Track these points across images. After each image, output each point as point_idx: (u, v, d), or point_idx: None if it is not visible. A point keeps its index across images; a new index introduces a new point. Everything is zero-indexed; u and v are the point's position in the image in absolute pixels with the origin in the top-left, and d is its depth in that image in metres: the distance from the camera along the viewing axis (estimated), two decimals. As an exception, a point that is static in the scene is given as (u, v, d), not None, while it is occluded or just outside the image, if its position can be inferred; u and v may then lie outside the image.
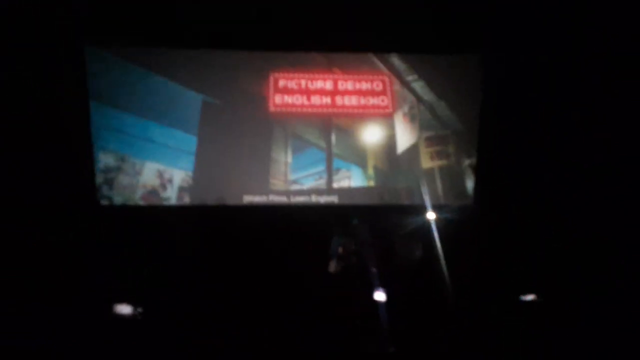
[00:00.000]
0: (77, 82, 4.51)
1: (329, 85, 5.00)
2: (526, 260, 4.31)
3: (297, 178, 4.91)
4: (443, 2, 4.55)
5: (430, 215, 4.67)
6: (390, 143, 5.01)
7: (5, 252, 4.07)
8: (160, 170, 4.74)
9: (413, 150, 5.02)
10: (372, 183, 4.99)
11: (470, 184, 5.02)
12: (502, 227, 4.68)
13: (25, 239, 4.21)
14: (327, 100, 4.99)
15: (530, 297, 3.85)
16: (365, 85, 5.04)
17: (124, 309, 3.22)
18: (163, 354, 3.01)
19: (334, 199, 4.98)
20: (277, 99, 4.93)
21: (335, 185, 4.94)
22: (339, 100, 5.00)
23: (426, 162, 5.05)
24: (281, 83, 4.95)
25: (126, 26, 4.46)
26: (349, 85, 5.02)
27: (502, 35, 4.68)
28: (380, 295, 3.48)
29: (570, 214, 4.61)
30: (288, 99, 4.95)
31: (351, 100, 5.01)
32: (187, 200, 4.77)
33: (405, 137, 5.02)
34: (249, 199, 4.87)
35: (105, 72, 4.60)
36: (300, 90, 4.97)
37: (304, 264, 4.07)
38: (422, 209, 4.77)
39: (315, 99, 4.99)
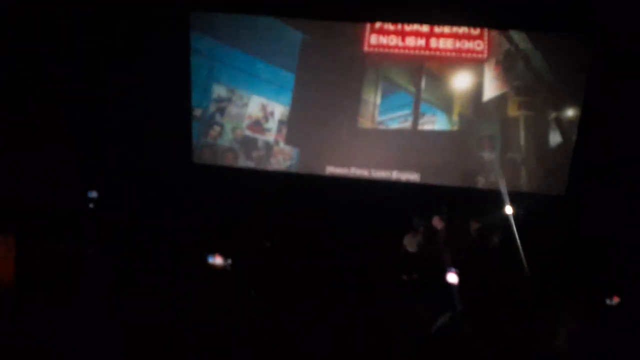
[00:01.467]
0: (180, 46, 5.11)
1: (425, 27, 5.07)
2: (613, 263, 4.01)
3: (383, 120, 5.29)
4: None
5: (516, 206, 4.63)
6: (477, 90, 5.13)
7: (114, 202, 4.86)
8: (264, 103, 5.35)
9: (500, 99, 5.12)
10: (455, 128, 5.25)
11: (553, 137, 5.11)
12: (594, 225, 4.53)
13: (126, 192, 4.99)
14: (421, 42, 5.10)
15: (615, 301, 3.59)
16: (462, 28, 5.04)
17: (217, 260, 3.85)
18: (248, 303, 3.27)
19: (416, 177, 5.30)
20: (373, 39, 5.14)
21: (420, 128, 5.27)
22: (433, 42, 5.09)
23: (513, 110, 5.15)
24: (378, 23, 5.10)
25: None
26: (446, 27, 5.05)
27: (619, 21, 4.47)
28: (452, 277, 3.50)
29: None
30: (383, 39, 5.14)
31: (446, 43, 5.08)
32: (284, 132, 5.41)
33: (493, 86, 5.10)
34: (331, 169, 5.39)
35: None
36: (395, 31, 5.12)
37: (380, 240, 4.30)
38: (507, 197, 4.72)
39: (410, 41, 5.12)
